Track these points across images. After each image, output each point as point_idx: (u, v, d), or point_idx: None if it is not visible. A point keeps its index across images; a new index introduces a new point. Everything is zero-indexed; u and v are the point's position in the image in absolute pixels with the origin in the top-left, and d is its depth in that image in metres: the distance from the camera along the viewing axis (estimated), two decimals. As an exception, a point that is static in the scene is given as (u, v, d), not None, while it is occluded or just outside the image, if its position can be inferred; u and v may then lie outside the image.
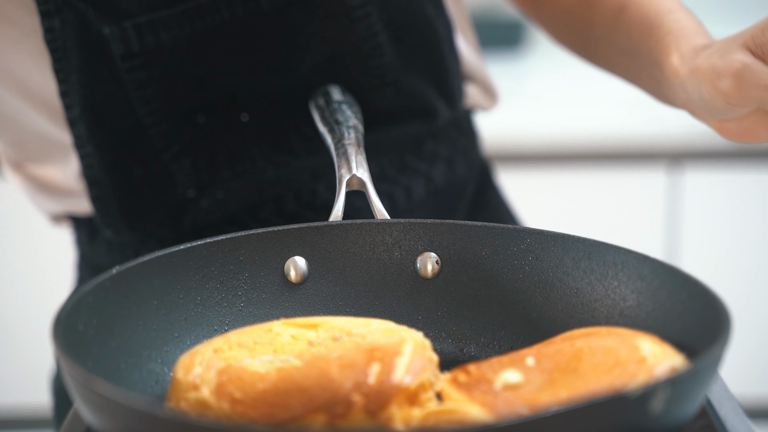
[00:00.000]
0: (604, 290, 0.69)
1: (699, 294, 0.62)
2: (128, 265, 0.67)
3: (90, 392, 0.53)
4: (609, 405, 0.49)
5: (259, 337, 0.66)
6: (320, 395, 0.59)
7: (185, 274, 0.70)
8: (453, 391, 0.61)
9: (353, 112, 0.88)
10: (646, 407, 0.50)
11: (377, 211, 0.77)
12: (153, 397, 0.65)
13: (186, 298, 0.70)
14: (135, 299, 0.67)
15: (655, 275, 0.66)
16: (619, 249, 0.68)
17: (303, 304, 0.73)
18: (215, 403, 0.60)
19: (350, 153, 0.81)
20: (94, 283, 0.64)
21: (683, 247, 2.19)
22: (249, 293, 0.73)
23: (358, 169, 0.79)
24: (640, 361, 0.59)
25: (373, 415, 0.59)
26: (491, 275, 0.73)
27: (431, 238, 0.74)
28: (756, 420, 2.23)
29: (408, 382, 0.60)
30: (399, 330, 0.66)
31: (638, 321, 0.67)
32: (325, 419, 0.58)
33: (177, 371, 0.63)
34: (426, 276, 0.74)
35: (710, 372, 0.54)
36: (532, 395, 0.59)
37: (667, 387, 0.50)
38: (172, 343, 0.68)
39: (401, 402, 0.60)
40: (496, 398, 0.59)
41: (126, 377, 0.64)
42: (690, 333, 0.62)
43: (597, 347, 0.62)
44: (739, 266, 2.24)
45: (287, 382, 0.60)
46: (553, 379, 0.61)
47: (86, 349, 0.61)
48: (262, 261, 0.73)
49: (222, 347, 0.64)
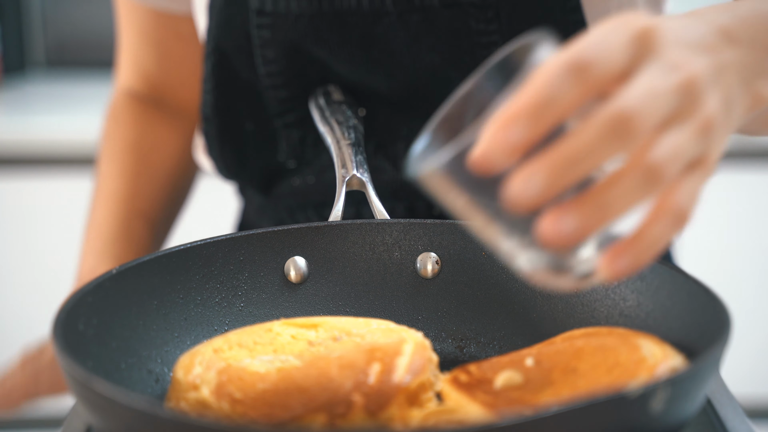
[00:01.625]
0: (603, 290, 0.69)
1: (699, 294, 0.62)
2: (128, 265, 0.67)
3: (90, 392, 0.53)
4: (609, 405, 0.49)
5: (259, 337, 0.66)
6: (320, 395, 0.59)
7: (185, 274, 0.70)
8: (453, 391, 0.61)
9: (353, 112, 0.88)
10: (646, 407, 0.50)
11: (377, 211, 0.77)
12: (153, 397, 0.65)
13: (186, 298, 0.70)
14: (135, 299, 0.67)
15: (655, 275, 0.66)
16: (619, 249, 0.68)
17: (303, 304, 0.73)
18: (215, 403, 0.60)
19: (350, 153, 0.81)
20: (94, 283, 0.64)
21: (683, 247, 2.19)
22: (249, 293, 0.73)
23: (358, 169, 0.79)
24: (640, 361, 0.59)
25: (373, 415, 0.59)
26: (491, 275, 0.73)
27: (431, 238, 0.74)
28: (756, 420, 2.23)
29: (408, 382, 0.60)
30: (399, 330, 0.66)
31: (638, 321, 0.67)
32: (325, 419, 0.58)
33: (177, 371, 0.63)
34: (426, 276, 0.74)
35: (710, 372, 0.54)
36: (532, 395, 0.59)
37: (667, 387, 0.50)
38: (172, 343, 0.68)
39: (401, 402, 0.60)
40: (497, 398, 0.59)
41: (126, 377, 0.64)
42: (690, 333, 0.62)
43: (597, 347, 0.62)
44: (739, 266, 2.24)
45: (287, 382, 0.60)
46: (553, 379, 0.61)
47: (86, 349, 0.61)
48: (262, 261, 0.73)
49: (222, 347, 0.64)
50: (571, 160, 0.49)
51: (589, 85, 0.50)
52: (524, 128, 0.49)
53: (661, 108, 0.51)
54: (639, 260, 0.51)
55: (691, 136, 0.51)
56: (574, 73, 0.50)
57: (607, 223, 0.50)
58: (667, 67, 0.52)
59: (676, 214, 0.51)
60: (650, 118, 0.50)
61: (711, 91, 0.53)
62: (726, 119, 0.54)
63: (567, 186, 0.50)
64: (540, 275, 0.53)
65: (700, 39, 0.55)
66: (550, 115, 0.49)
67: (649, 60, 0.52)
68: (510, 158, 0.49)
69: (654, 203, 0.52)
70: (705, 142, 0.52)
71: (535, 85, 0.50)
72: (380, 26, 0.87)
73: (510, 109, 0.49)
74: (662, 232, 0.51)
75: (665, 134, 0.51)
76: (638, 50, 0.52)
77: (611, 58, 0.51)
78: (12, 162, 2.23)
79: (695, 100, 0.52)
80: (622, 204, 0.50)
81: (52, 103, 2.41)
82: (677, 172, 0.51)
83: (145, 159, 1.09)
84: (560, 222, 0.50)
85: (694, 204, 0.52)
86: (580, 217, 0.50)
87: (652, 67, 0.52)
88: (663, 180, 0.50)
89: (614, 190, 0.50)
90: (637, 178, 0.50)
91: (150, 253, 0.70)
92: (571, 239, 0.50)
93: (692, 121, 0.52)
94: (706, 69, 0.53)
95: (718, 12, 0.59)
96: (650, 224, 0.51)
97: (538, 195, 0.49)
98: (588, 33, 0.52)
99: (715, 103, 0.53)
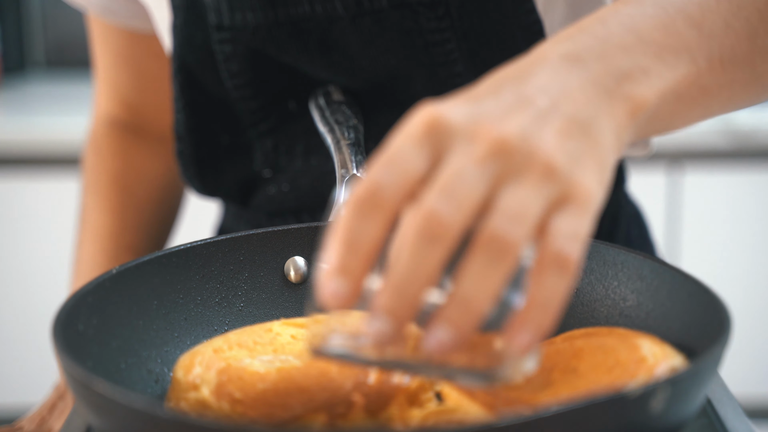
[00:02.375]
0: (603, 290, 0.69)
1: (699, 294, 0.62)
2: (128, 265, 0.67)
3: (90, 392, 0.53)
4: (609, 405, 0.49)
5: (259, 337, 0.66)
6: (320, 395, 0.59)
7: (185, 274, 0.70)
8: (453, 391, 0.61)
9: (353, 112, 0.88)
10: (646, 407, 0.50)
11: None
12: (153, 398, 0.65)
13: (186, 298, 0.70)
14: (135, 299, 0.67)
15: (655, 275, 0.66)
16: (618, 249, 0.68)
17: (303, 304, 0.73)
18: (215, 403, 0.60)
19: (350, 153, 0.81)
20: (94, 283, 0.64)
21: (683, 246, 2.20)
22: (249, 293, 0.73)
23: (358, 170, 0.79)
24: (640, 361, 0.59)
25: (373, 415, 0.59)
26: (491, 275, 0.73)
27: (431, 238, 0.74)
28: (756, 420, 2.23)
29: (408, 382, 0.60)
30: (399, 330, 0.66)
31: (638, 321, 0.66)
32: (325, 419, 0.58)
33: (177, 371, 0.63)
34: (426, 276, 0.74)
35: (710, 372, 0.54)
36: (532, 395, 0.59)
37: (667, 387, 0.50)
38: (172, 343, 0.68)
39: (401, 402, 0.60)
40: (496, 398, 0.59)
41: (126, 377, 0.64)
42: (690, 333, 0.62)
43: (597, 347, 0.62)
44: (739, 266, 2.24)
45: (287, 382, 0.60)
46: (552, 379, 0.61)
47: (86, 349, 0.61)
48: (262, 261, 0.73)
49: (222, 347, 0.64)
50: (403, 286, 0.49)
51: (387, 208, 0.49)
52: (343, 277, 0.49)
53: (472, 185, 0.49)
54: (541, 325, 0.49)
55: (529, 187, 0.49)
56: (364, 209, 0.49)
57: (481, 314, 0.49)
58: (468, 143, 0.50)
59: (557, 261, 0.49)
60: (463, 203, 0.49)
61: (533, 136, 0.50)
62: (580, 145, 0.51)
63: (415, 305, 0.49)
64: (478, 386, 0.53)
65: (499, 99, 0.52)
66: (362, 253, 0.49)
67: (447, 147, 0.50)
68: (348, 303, 0.50)
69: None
70: (554, 183, 0.49)
71: (335, 233, 0.50)
72: (335, 31, 0.87)
73: (326, 262, 0.50)
74: (551, 286, 0.49)
75: (496, 201, 0.49)
76: (432, 145, 0.50)
77: (403, 168, 0.50)
78: (11, 162, 2.23)
79: (516, 154, 0.50)
80: (484, 290, 0.48)
81: (52, 103, 2.41)
82: (527, 227, 0.48)
83: (130, 192, 1.09)
84: (437, 336, 0.49)
85: (576, 243, 0.49)
86: (451, 324, 0.48)
87: (452, 153, 0.50)
88: (510, 244, 0.48)
89: (468, 282, 0.48)
90: (484, 257, 0.48)
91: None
92: (453, 343, 0.49)
93: (524, 173, 0.49)
94: (515, 122, 0.51)
95: (556, 42, 0.57)
96: (536, 284, 0.49)
97: (395, 329, 0.49)
98: (383, 147, 0.51)
99: (549, 141, 0.50)
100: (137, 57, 1.08)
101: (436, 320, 0.49)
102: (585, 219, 0.50)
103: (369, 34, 0.87)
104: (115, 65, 1.09)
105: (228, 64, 0.90)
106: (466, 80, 0.87)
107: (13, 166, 2.23)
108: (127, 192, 1.09)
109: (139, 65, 1.09)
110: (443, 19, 0.86)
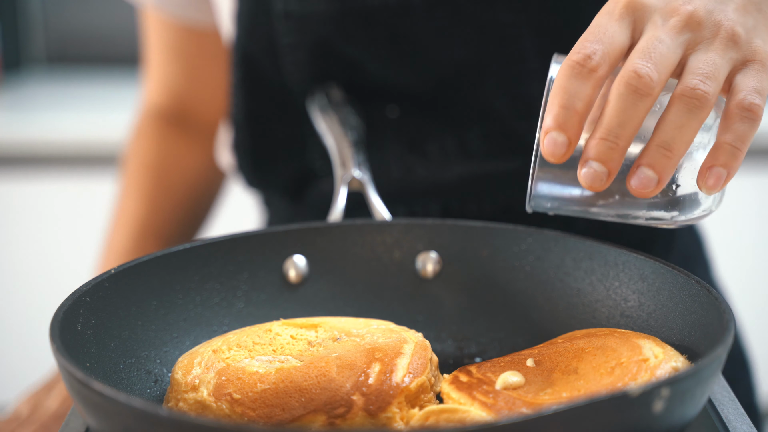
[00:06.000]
0: (605, 291, 0.69)
1: (701, 294, 0.62)
2: (127, 265, 0.67)
3: (88, 392, 0.53)
4: (610, 405, 0.49)
5: (258, 337, 0.66)
6: (320, 395, 0.58)
7: (185, 274, 0.70)
8: (453, 392, 0.61)
9: (353, 112, 0.88)
10: (648, 407, 0.50)
11: (377, 211, 0.77)
12: (152, 398, 0.65)
13: (185, 299, 0.70)
14: (134, 299, 0.67)
15: (657, 276, 0.66)
16: (620, 249, 0.68)
17: (303, 304, 0.73)
18: (214, 404, 0.60)
19: (350, 153, 0.81)
20: (92, 283, 0.64)
21: (684, 247, 2.19)
22: (248, 293, 0.72)
23: (357, 170, 0.79)
24: (642, 362, 0.58)
25: (373, 415, 0.59)
26: (491, 276, 0.73)
27: (431, 238, 0.74)
28: (756, 420, 2.22)
29: (408, 382, 0.60)
30: (399, 330, 0.66)
31: (640, 321, 0.66)
32: (325, 419, 0.58)
33: (176, 372, 0.63)
34: (426, 276, 0.74)
35: (712, 373, 0.54)
36: (532, 396, 0.59)
37: (668, 387, 0.50)
38: (171, 344, 0.68)
39: (401, 402, 0.60)
40: (497, 399, 0.59)
41: (125, 378, 0.64)
42: (691, 333, 0.62)
43: (598, 348, 0.62)
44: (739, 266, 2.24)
45: (287, 383, 0.60)
46: (553, 379, 0.60)
47: (84, 350, 0.61)
48: (262, 261, 0.73)
49: (221, 348, 0.64)
50: (614, 132, 0.58)
51: (596, 74, 0.59)
52: (563, 131, 0.59)
53: (670, 49, 0.59)
54: (730, 165, 0.59)
55: (717, 51, 0.59)
56: (577, 72, 0.59)
57: (679, 157, 0.58)
58: (663, 18, 0.60)
59: (745, 110, 0.58)
60: (662, 63, 0.58)
61: (717, 12, 0.60)
62: (755, 19, 0.61)
63: (623, 151, 0.58)
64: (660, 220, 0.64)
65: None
66: (578, 111, 0.59)
67: (645, 22, 0.60)
68: (562, 158, 0.59)
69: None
70: (738, 47, 0.60)
71: (553, 96, 0.59)
72: (407, 21, 0.86)
73: (544, 124, 0.59)
74: (740, 131, 0.58)
75: (691, 63, 0.59)
76: (632, 20, 0.60)
77: (610, 40, 0.59)
78: (12, 160, 2.22)
79: (704, 26, 0.60)
80: (682, 135, 0.58)
81: (52, 101, 2.41)
82: (718, 84, 0.58)
83: (163, 178, 1.10)
84: (641, 176, 0.59)
85: (759, 95, 0.59)
86: (653, 166, 0.58)
87: (649, 26, 0.60)
88: (706, 96, 0.58)
89: (668, 129, 0.58)
90: (684, 108, 0.58)
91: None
92: (656, 185, 0.59)
93: (711, 40, 0.60)
94: (701, 1, 0.60)
95: None
96: (725, 129, 0.59)
97: (606, 174, 0.59)
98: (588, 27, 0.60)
99: (730, 15, 0.60)
100: (190, 51, 1.09)
101: (639, 163, 0.59)
102: (764, 76, 0.60)
103: (443, 26, 0.86)
104: (168, 59, 1.10)
105: (292, 54, 0.90)
106: (537, 78, 0.86)
107: (12, 164, 2.22)
108: (160, 178, 1.10)
109: (192, 59, 1.10)
110: (520, 13, 0.85)
